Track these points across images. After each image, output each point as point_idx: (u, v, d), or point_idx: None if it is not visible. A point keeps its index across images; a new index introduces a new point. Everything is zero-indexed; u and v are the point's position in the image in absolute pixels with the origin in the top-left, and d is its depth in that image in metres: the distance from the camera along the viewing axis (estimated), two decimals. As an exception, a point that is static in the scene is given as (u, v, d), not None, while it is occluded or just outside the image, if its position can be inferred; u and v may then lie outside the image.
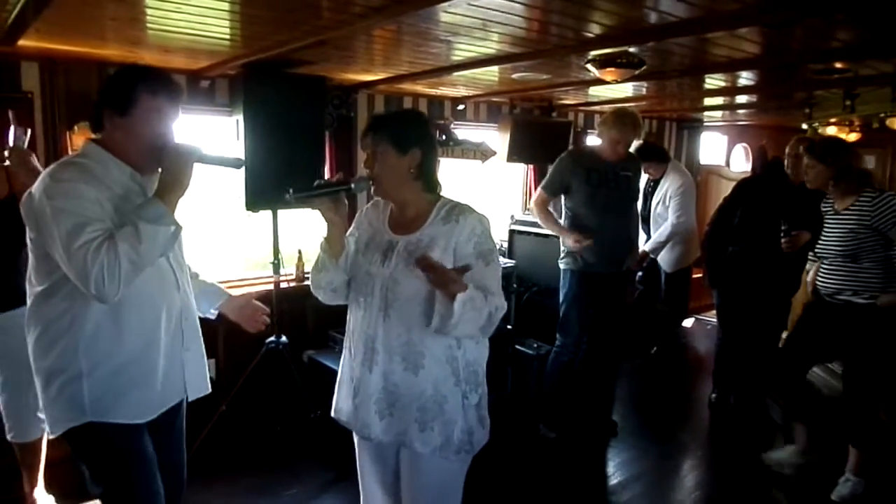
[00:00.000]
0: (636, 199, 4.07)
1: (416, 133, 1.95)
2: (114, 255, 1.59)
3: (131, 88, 1.74)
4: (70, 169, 1.73)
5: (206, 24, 2.65)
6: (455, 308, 1.73)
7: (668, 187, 5.21)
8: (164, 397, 1.93)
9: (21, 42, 2.83)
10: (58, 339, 1.77)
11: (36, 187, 1.70)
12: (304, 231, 4.57)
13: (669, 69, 3.56)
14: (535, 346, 4.37)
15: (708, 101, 5.54)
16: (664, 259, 5.35)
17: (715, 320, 4.45)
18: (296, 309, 4.21)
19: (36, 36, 2.76)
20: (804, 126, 5.81)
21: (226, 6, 2.43)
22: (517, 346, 4.39)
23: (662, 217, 5.23)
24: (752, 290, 3.97)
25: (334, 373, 2.00)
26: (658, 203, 5.27)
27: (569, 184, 3.77)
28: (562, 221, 3.88)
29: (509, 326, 4.33)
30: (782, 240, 3.63)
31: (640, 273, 5.39)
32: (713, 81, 4.20)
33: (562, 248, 3.88)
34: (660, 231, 5.19)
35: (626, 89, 4.55)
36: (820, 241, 3.31)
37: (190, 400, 2.05)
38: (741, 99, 5.21)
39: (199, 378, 2.05)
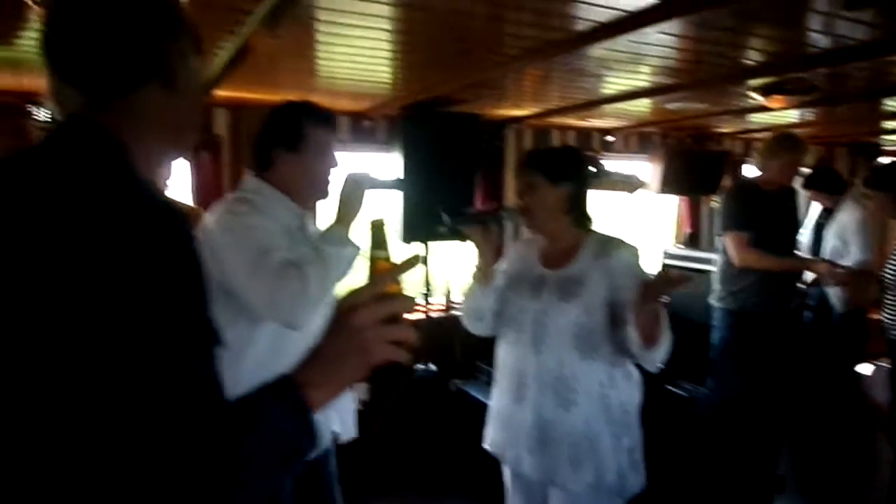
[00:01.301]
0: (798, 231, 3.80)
1: (570, 168, 1.98)
2: (303, 278, 1.59)
3: (300, 125, 1.80)
4: (243, 204, 1.78)
5: (370, 71, 2.87)
6: (664, 325, 1.74)
7: (846, 220, 4.73)
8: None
9: (214, 92, 3.22)
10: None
11: (211, 223, 1.75)
12: (453, 262, 4.70)
13: (844, 93, 3.29)
14: (688, 387, 4.14)
15: (887, 124, 5.02)
16: (837, 298, 4.86)
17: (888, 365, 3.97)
18: (444, 338, 4.32)
19: (227, 86, 3.13)
20: None
21: (388, 55, 2.62)
22: (668, 387, 4.19)
23: (838, 252, 4.76)
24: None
25: (481, 403, 2.05)
26: (834, 237, 4.81)
27: (750, 217, 3.52)
28: (716, 257, 3.68)
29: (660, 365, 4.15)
30: None
31: (809, 313, 4.95)
32: (894, 104, 3.81)
33: (715, 285, 3.67)
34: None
35: (792, 115, 4.26)
36: (890, 269, 2.98)
37: (339, 441, 2.04)
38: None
39: (348, 419, 2.04)
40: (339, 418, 1.99)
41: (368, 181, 1.86)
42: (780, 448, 3.96)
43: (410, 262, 0.89)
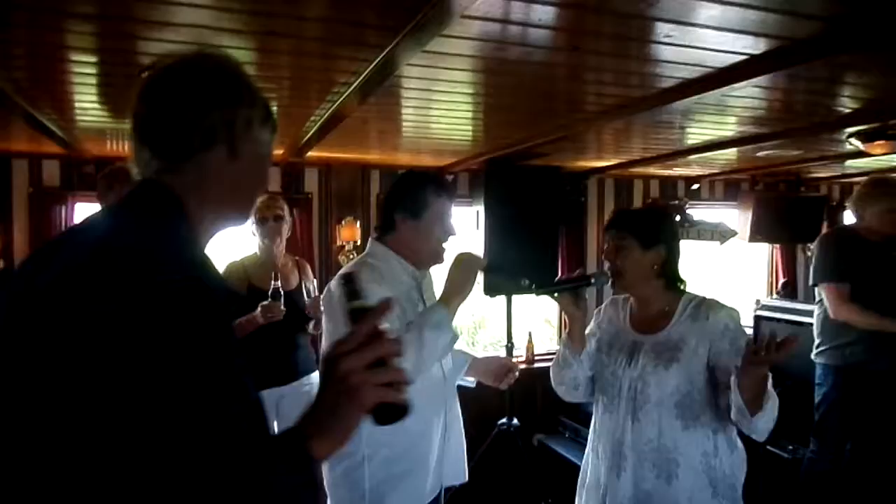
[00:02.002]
0: None
1: (662, 230, 1.94)
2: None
3: (424, 194, 1.88)
4: (364, 270, 1.84)
5: (453, 130, 2.96)
6: (770, 391, 1.65)
7: None
8: (433, 486, 1.97)
9: (307, 154, 3.41)
10: None
11: (334, 284, 1.89)
12: (534, 315, 4.67)
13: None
14: (790, 447, 3.87)
15: None
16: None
17: None
18: (527, 391, 4.26)
19: (318, 148, 3.30)
20: None
21: (470, 116, 2.71)
22: (769, 447, 3.93)
23: None
24: None
25: (563, 459, 1.98)
26: None
27: (849, 268, 3.26)
28: (814, 308, 3.46)
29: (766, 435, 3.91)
30: None
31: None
32: None
33: (816, 338, 3.45)
34: None
35: (895, 158, 4.03)
36: None
37: (446, 486, 2.05)
38: None
39: (458, 466, 2.08)
40: (451, 470, 2.04)
41: (481, 264, 1.94)
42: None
43: (384, 307, 0.92)
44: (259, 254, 3.11)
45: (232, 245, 3.15)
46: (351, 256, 3.75)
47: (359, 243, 3.90)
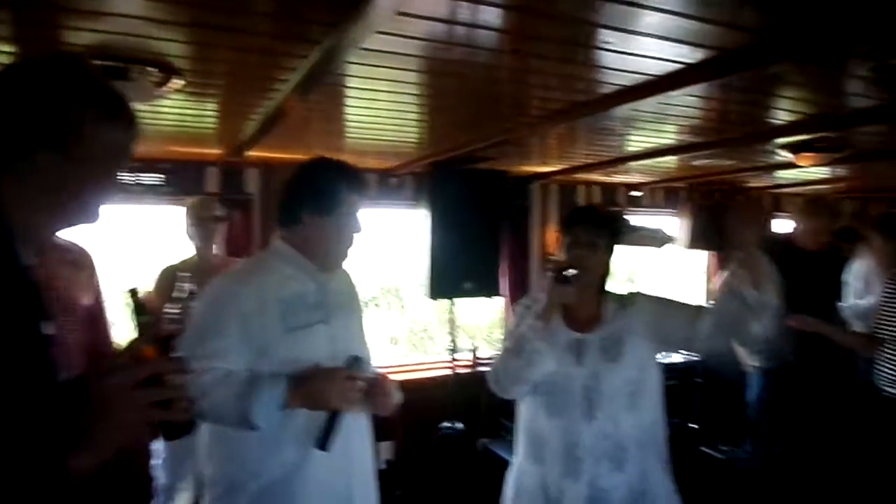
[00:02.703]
0: (840, 290, 3.63)
1: (619, 233, 1.99)
2: (217, 401, 1.52)
3: (338, 188, 1.70)
4: (251, 266, 1.81)
5: (398, 132, 2.92)
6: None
7: (868, 262, 4.60)
8: None
9: (247, 153, 3.31)
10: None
11: (213, 282, 1.75)
12: (477, 319, 4.68)
13: (876, 150, 3.26)
14: (725, 449, 4.00)
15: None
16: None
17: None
18: (471, 395, 4.26)
19: (259, 148, 3.21)
20: None
21: (415, 117, 2.68)
22: (703, 449, 4.05)
23: (859, 294, 4.60)
24: None
25: (507, 463, 1.94)
26: (856, 279, 4.67)
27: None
28: None
29: (694, 426, 4.03)
30: None
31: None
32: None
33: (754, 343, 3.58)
34: None
35: (823, 171, 4.21)
36: (882, 322, 2.88)
37: None
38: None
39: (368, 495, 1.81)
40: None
41: (339, 383, 1.62)
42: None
43: (145, 326, 0.96)
44: (195, 257, 2.97)
45: (170, 249, 3.01)
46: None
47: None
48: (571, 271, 1.85)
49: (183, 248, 3.04)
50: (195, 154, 3.43)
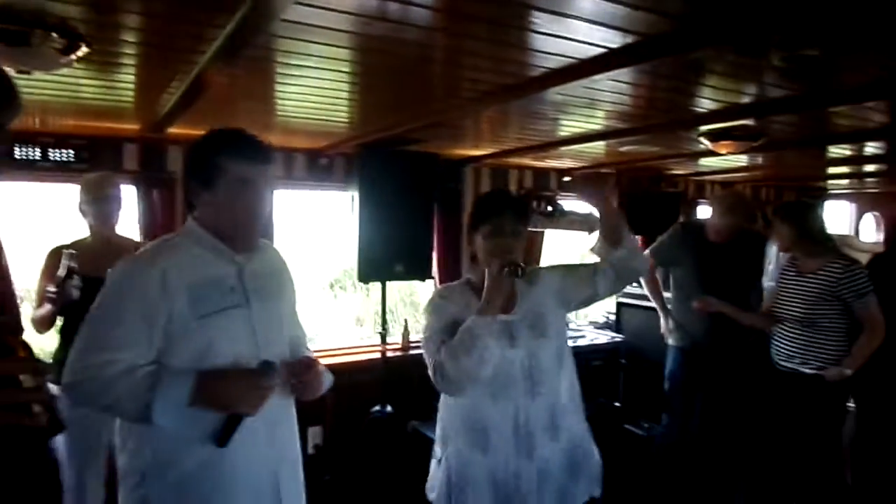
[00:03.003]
0: (756, 277, 3.78)
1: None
2: (95, 385, 1.45)
3: (214, 158, 1.53)
4: (156, 248, 1.60)
5: (327, 110, 2.86)
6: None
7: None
8: None
9: (169, 130, 3.16)
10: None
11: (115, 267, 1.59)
12: (409, 302, 4.67)
13: (789, 140, 3.42)
14: (646, 426, 4.15)
15: (832, 170, 5.24)
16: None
17: (853, 404, 4.05)
18: (402, 378, 4.26)
19: (181, 125, 3.07)
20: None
21: (344, 95, 2.62)
22: (626, 426, 4.19)
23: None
24: (894, 378, 3.60)
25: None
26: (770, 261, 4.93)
27: (677, 257, 3.66)
28: (670, 294, 3.75)
29: (617, 404, 4.16)
30: None
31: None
32: (837, 150, 3.98)
33: (671, 323, 3.73)
34: None
35: (741, 159, 4.40)
36: (778, 302, 3.14)
37: None
38: (870, 167, 4.90)
39: (296, 498, 1.73)
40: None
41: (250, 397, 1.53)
42: (737, 483, 3.97)
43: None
44: (88, 238, 2.75)
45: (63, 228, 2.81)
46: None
47: (226, 226, 3.70)
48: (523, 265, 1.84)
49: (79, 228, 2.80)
50: (112, 129, 3.25)
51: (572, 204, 2.33)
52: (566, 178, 5.06)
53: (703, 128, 3.01)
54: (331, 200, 4.26)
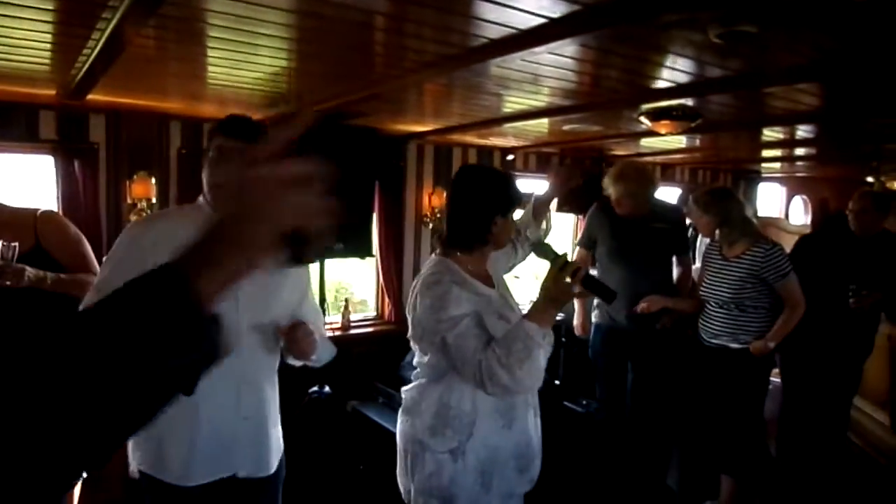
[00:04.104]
0: (672, 253, 3.73)
1: None
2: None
3: (210, 135, 1.83)
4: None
5: (262, 79, 2.73)
6: None
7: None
8: (204, 471, 1.77)
9: (90, 96, 2.96)
10: None
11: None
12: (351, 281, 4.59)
13: (724, 121, 3.48)
14: (584, 402, 4.22)
15: (765, 153, 5.40)
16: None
17: (779, 380, 4.22)
18: (341, 358, 4.17)
19: (103, 90, 2.88)
20: (870, 179, 5.58)
21: (282, 63, 2.50)
22: (566, 403, 4.25)
23: None
24: (818, 353, 3.75)
25: (377, 425, 1.93)
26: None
27: (595, 236, 3.71)
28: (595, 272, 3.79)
29: (557, 382, 4.21)
30: (850, 300, 3.44)
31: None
32: (771, 133, 4.09)
33: (595, 301, 3.78)
34: None
35: (680, 141, 4.47)
36: (704, 286, 3.27)
37: (242, 475, 1.85)
38: (801, 151, 5.06)
39: (256, 453, 1.87)
40: (243, 459, 1.85)
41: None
42: (668, 460, 4.08)
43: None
44: None
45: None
46: (144, 216, 3.37)
47: (154, 201, 3.52)
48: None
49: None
50: (25, 95, 3.02)
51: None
52: (509, 157, 5.05)
53: (645, 107, 3.02)
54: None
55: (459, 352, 1.77)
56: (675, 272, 3.78)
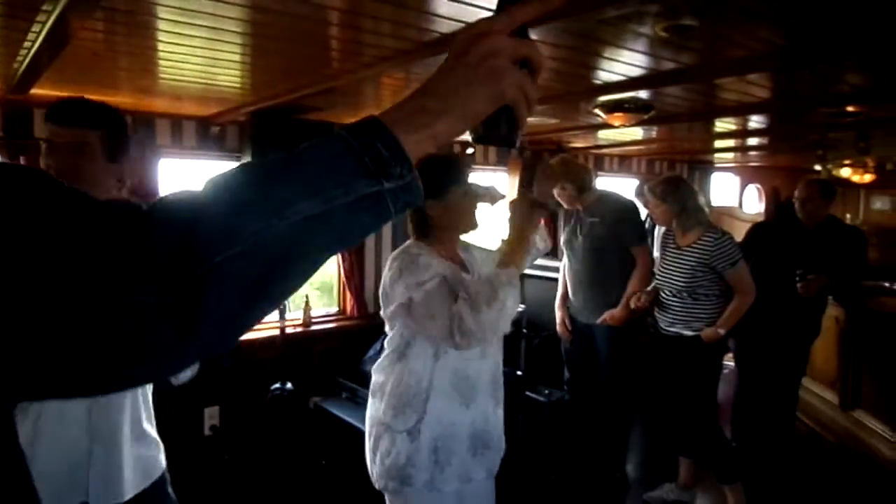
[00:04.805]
0: (610, 245, 3.62)
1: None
2: None
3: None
4: None
5: (215, 73, 2.68)
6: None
7: None
8: (56, 496, 1.49)
9: (34, 90, 2.87)
10: None
11: None
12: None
13: (678, 113, 3.55)
14: (546, 392, 4.27)
15: (719, 144, 5.53)
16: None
17: (733, 364, 4.34)
18: (303, 354, 4.16)
19: (49, 84, 2.79)
20: (817, 167, 5.77)
21: (235, 57, 2.46)
22: (528, 394, 4.29)
23: None
24: (769, 337, 3.87)
25: (340, 420, 1.92)
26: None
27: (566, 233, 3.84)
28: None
29: (519, 373, 4.24)
30: (798, 285, 3.56)
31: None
32: (723, 125, 4.18)
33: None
34: None
35: (636, 132, 4.55)
36: (659, 274, 3.37)
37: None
38: (752, 141, 5.20)
39: (107, 481, 1.59)
40: (99, 488, 1.58)
41: None
42: (625, 447, 4.17)
43: None
44: None
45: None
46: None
47: (105, 198, 3.43)
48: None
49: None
50: (-36, 89, 2.91)
51: (474, 177, 2.37)
52: (469, 151, 5.06)
53: (601, 99, 3.07)
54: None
55: (429, 308, 1.77)
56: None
